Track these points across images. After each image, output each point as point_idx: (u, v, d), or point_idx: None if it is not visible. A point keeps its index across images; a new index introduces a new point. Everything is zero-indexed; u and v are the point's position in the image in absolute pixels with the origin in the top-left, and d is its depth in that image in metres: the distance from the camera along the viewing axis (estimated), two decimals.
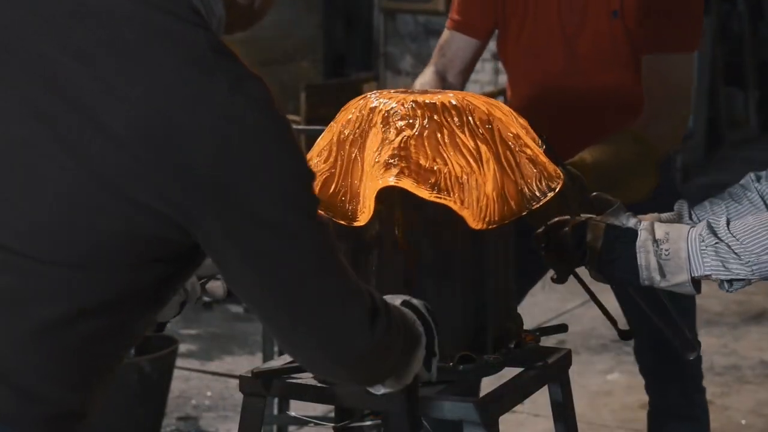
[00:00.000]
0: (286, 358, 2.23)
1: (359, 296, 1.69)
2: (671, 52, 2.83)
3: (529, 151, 2.15)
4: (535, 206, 2.11)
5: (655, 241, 2.01)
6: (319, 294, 1.65)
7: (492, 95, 10.30)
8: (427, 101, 2.10)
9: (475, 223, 2.02)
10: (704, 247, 1.98)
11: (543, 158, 2.17)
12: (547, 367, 2.19)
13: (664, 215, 2.29)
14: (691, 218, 2.30)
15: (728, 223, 2.00)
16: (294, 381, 2.14)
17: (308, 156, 2.15)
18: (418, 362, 1.87)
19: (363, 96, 2.18)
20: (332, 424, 2.27)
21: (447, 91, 2.18)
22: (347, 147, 2.09)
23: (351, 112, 2.15)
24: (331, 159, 2.10)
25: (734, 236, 1.98)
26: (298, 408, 4.18)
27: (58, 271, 1.57)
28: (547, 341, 2.27)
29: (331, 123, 2.18)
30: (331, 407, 3.62)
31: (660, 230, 2.03)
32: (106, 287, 1.59)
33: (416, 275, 2.08)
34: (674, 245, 2.00)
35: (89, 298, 1.58)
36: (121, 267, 1.60)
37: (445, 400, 2.03)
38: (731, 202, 2.31)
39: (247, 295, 1.67)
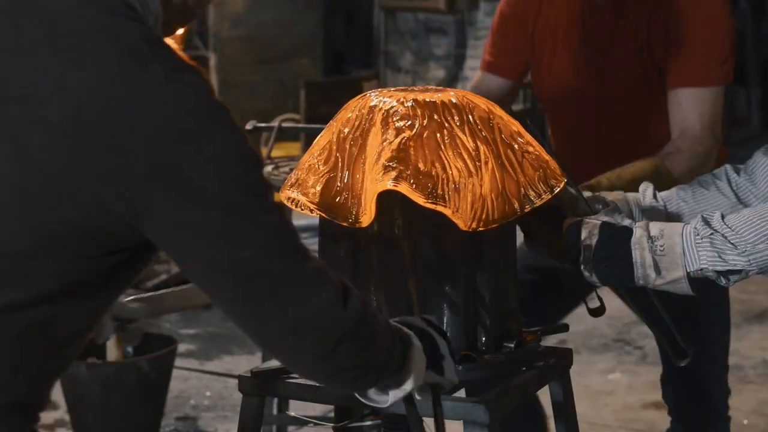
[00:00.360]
0: None
1: (325, 277, 1.66)
2: (694, 86, 2.83)
3: (531, 149, 2.15)
4: (538, 203, 2.11)
5: (650, 237, 2.00)
6: (278, 276, 1.63)
7: None
8: (427, 100, 2.10)
9: (467, 226, 2.02)
10: (699, 240, 1.98)
11: (546, 156, 2.17)
12: (548, 367, 2.19)
13: (630, 194, 2.30)
14: (655, 197, 2.29)
15: (723, 216, 1.99)
16: (293, 381, 2.14)
17: (307, 154, 2.15)
18: (416, 363, 1.83)
19: (363, 95, 2.18)
20: (332, 424, 2.27)
21: (447, 89, 2.18)
22: (347, 147, 2.09)
23: (351, 110, 2.14)
24: (332, 160, 2.09)
25: (729, 227, 1.97)
26: (297, 408, 4.18)
27: (9, 260, 1.59)
28: (549, 341, 2.27)
29: (331, 122, 2.17)
30: (331, 407, 3.62)
31: (655, 227, 2.02)
32: (57, 276, 1.61)
33: (416, 274, 2.08)
34: (669, 240, 2.00)
35: (41, 286, 1.60)
36: (72, 257, 1.61)
37: (446, 400, 2.03)
38: (698, 187, 2.31)
39: (206, 286, 1.66)
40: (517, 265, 2.21)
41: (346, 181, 2.07)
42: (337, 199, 2.06)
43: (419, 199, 2.00)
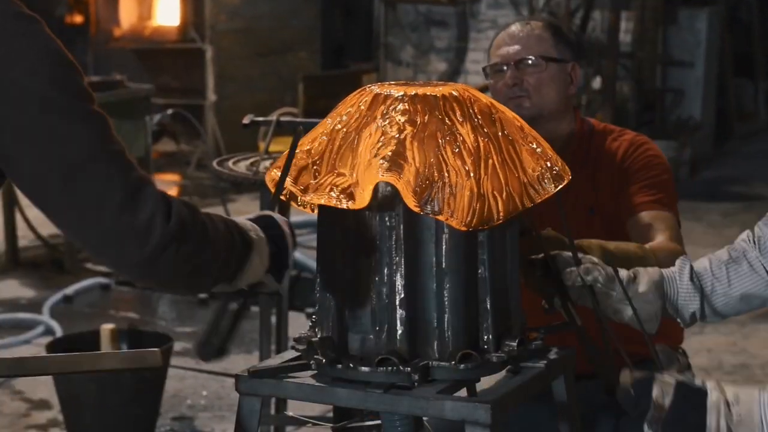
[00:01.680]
0: (284, 357, 2.24)
1: (149, 188, 1.74)
2: (648, 210, 2.87)
3: (534, 145, 2.15)
4: (539, 200, 2.12)
5: (726, 403, 1.95)
6: (101, 177, 1.70)
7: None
8: (428, 93, 2.10)
9: (464, 225, 2.02)
10: None
11: (550, 152, 2.17)
12: (550, 366, 2.19)
13: (666, 270, 2.32)
14: (692, 279, 2.29)
15: None
16: (292, 380, 2.14)
17: (302, 142, 2.16)
18: (254, 267, 1.95)
19: (362, 88, 2.18)
20: (330, 425, 2.27)
21: (449, 83, 2.18)
22: (345, 131, 2.09)
23: (350, 105, 2.15)
24: (326, 144, 2.10)
25: None
26: (295, 408, 4.19)
27: None
28: (552, 340, 2.27)
29: (327, 117, 2.17)
30: (330, 407, 3.63)
31: (730, 391, 1.97)
32: None
33: (416, 271, 2.08)
34: (745, 407, 1.94)
35: None
36: None
37: (447, 400, 2.03)
38: (732, 264, 2.32)
39: (34, 190, 1.72)
40: (518, 262, 2.21)
41: (341, 161, 2.07)
42: (329, 178, 2.08)
43: (411, 203, 2.01)
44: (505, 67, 2.98)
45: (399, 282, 2.07)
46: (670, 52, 10.82)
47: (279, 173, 2.15)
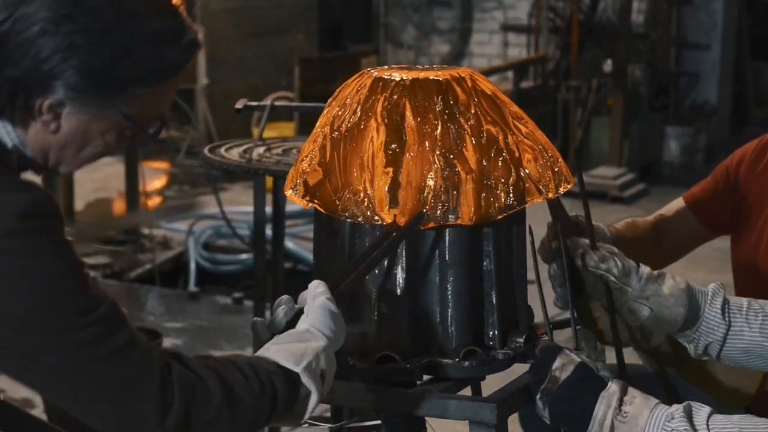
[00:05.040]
0: None
1: (148, 372, 1.76)
2: None
3: (538, 135, 2.16)
4: (542, 195, 2.12)
5: (620, 399, 1.97)
6: (99, 381, 1.75)
7: (500, 69, 10.29)
8: (431, 78, 2.10)
9: (469, 221, 2.04)
10: (668, 429, 1.93)
11: (550, 150, 2.17)
12: None
13: (696, 288, 2.24)
14: (723, 312, 2.21)
15: (711, 415, 1.93)
16: None
17: (305, 149, 2.15)
18: (318, 386, 1.88)
19: (361, 73, 2.18)
20: (328, 425, 2.28)
21: (453, 67, 2.18)
22: (347, 138, 2.09)
23: (348, 95, 2.14)
24: (327, 155, 2.10)
25: (710, 431, 1.91)
26: None
27: None
28: (559, 336, 2.27)
29: (325, 111, 2.17)
30: (328, 407, 3.63)
31: (631, 392, 1.99)
32: None
33: (418, 263, 2.08)
34: (636, 410, 1.96)
35: None
36: None
37: (451, 399, 2.03)
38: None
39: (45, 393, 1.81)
40: (525, 257, 2.21)
41: (346, 177, 2.07)
42: (337, 195, 2.07)
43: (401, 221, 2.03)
44: None
45: (400, 275, 2.08)
46: (685, 33, 10.82)
47: (304, 165, 2.12)
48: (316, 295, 1.93)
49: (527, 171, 2.10)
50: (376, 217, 2.05)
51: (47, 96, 1.79)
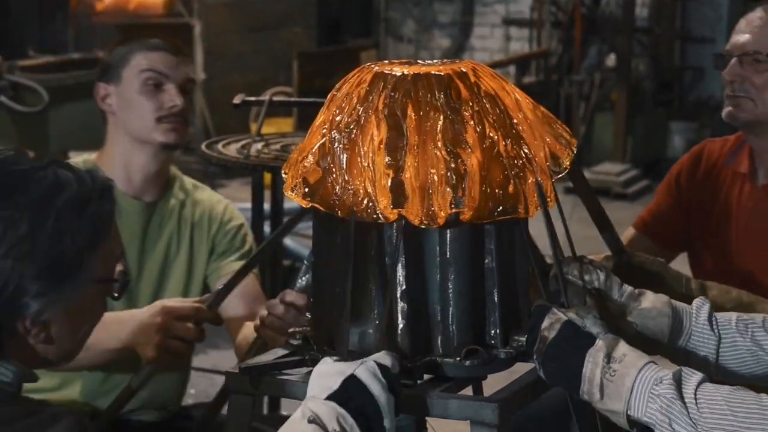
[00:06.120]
0: (278, 352, 2.24)
1: None
2: None
3: (542, 127, 2.16)
4: (547, 190, 2.12)
5: (607, 356, 1.95)
6: None
7: (502, 64, 10.29)
8: (433, 73, 2.10)
9: (471, 218, 2.04)
10: (655, 394, 1.91)
11: (559, 129, 2.17)
12: None
13: (680, 303, 2.24)
14: (710, 322, 2.22)
15: (700, 384, 1.91)
16: (286, 378, 2.14)
17: (300, 147, 2.15)
18: None
19: (361, 67, 2.18)
20: None
21: (454, 61, 2.18)
22: (349, 138, 2.08)
23: (348, 90, 2.13)
24: (327, 153, 2.09)
25: (697, 402, 1.89)
26: (290, 407, 4.19)
27: None
28: None
29: (324, 107, 2.16)
30: None
31: (621, 348, 1.97)
32: None
33: (418, 261, 2.08)
34: (624, 369, 1.94)
35: None
36: None
37: (452, 398, 2.03)
38: (761, 331, 2.23)
39: None
40: (528, 254, 2.21)
41: (346, 178, 2.07)
42: (337, 194, 2.06)
43: (413, 219, 2.03)
44: (733, 60, 2.78)
45: (400, 272, 2.07)
46: (689, 27, 10.82)
47: (304, 163, 2.11)
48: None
49: (530, 167, 2.10)
50: (377, 216, 2.04)
51: (24, 315, 1.82)
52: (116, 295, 1.94)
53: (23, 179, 1.82)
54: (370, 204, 2.05)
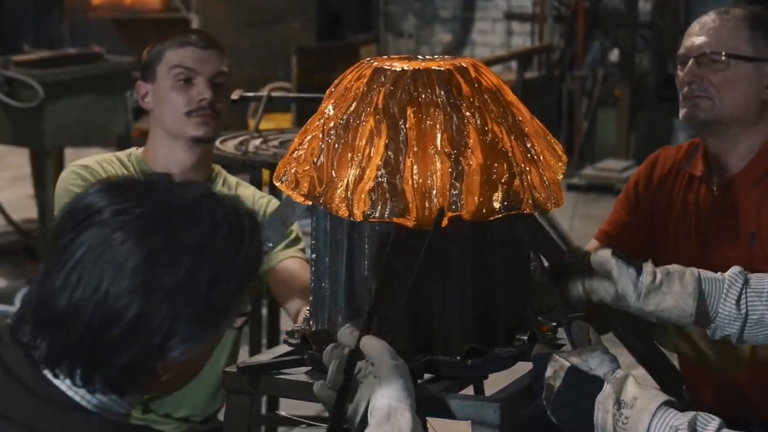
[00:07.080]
0: (276, 351, 2.24)
1: None
2: None
3: (541, 128, 2.16)
4: (549, 190, 2.12)
5: (617, 401, 1.93)
6: None
7: (503, 59, 10.28)
8: (434, 68, 2.09)
9: (472, 216, 2.04)
10: None
11: (554, 143, 2.18)
12: None
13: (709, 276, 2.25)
14: (739, 305, 2.23)
15: (719, 429, 1.89)
16: (284, 377, 2.14)
17: (296, 141, 2.15)
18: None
19: (360, 63, 2.18)
20: (326, 425, 2.27)
21: (456, 57, 2.18)
22: (346, 133, 2.08)
23: (347, 86, 2.13)
24: (327, 152, 2.09)
25: None
26: (288, 407, 4.19)
27: None
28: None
29: (323, 103, 2.16)
30: None
31: (630, 390, 1.95)
32: None
33: (421, 263, 2.08)
34: (636, 416, 1.92)
35: None
36: None
37: (453, 398, 2.03)
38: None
39: None
40: (529, 252, 2.21)
41: (344, 176, 2.07)
42: (337, 193, 2.06)
43: (413, 221, 2.03)
44: (690, 61, 2.85)
45: (404, 271, 2.07)
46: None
47: (302, 161, 2.11)
48: (379, 357, 1.90)
49: (529, 178, 2.10)
50: (376, 216, 2.04)
51: (166, 357, 1.73)
52: (236, 326, 1.87)
53: (181, 216, 1.73)
54: (370, 203, 2.04)
